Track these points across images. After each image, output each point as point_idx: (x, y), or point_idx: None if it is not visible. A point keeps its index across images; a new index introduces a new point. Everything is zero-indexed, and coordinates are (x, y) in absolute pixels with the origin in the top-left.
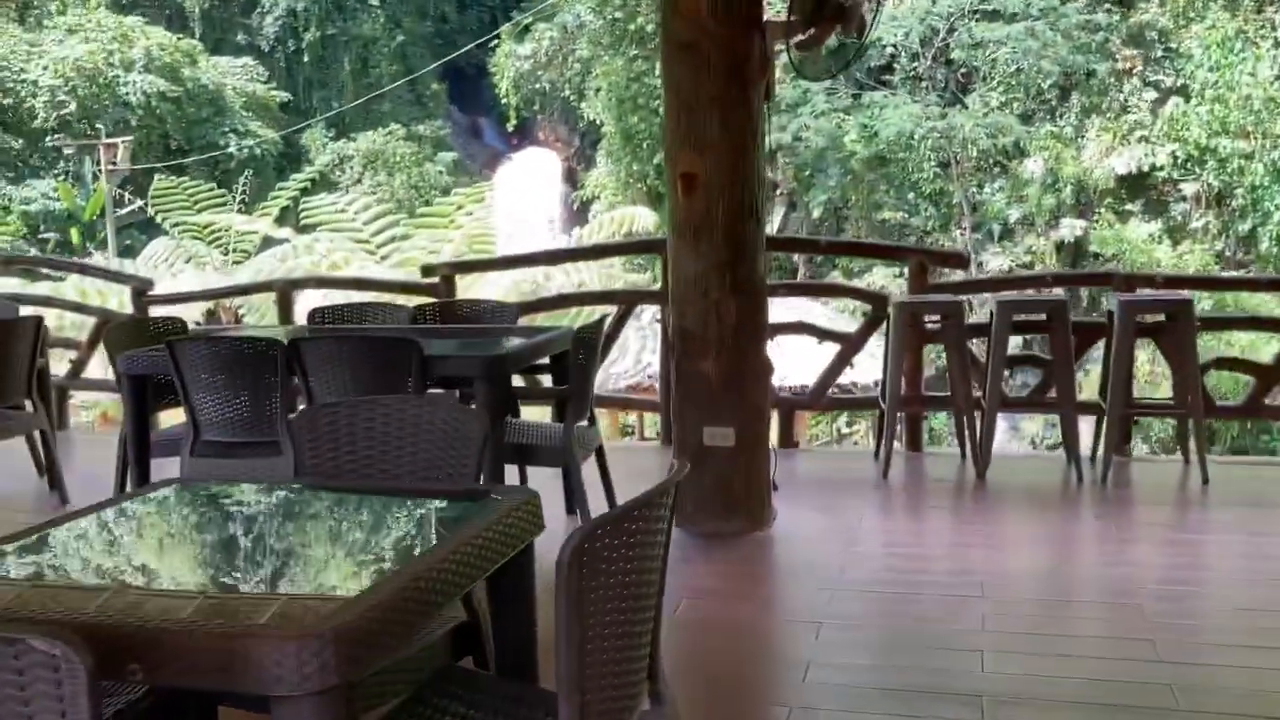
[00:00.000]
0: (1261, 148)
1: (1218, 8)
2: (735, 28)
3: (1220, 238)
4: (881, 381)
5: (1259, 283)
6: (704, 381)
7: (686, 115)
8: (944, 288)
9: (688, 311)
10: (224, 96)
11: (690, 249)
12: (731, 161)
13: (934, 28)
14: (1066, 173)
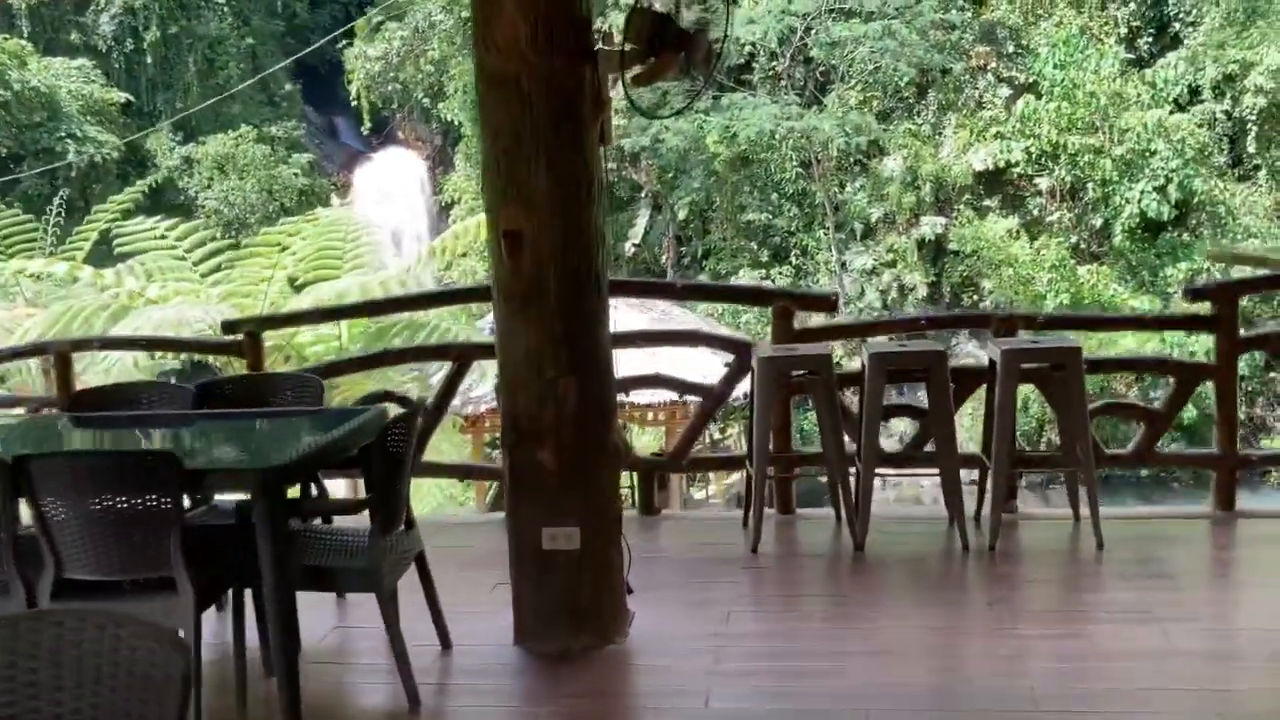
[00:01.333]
0: (1109, 143)
1: (1064, 5)
2: (562, 59)
3: (1075, 231)
4: (748, 441)
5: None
6: (542, 474)
7: (507, 162)
8: (811, 334)
9: (519, 394)
10: (58, 100)
11: (519, 320)
12: (564, 217)
13: (791, 27)
14: (926, 170)
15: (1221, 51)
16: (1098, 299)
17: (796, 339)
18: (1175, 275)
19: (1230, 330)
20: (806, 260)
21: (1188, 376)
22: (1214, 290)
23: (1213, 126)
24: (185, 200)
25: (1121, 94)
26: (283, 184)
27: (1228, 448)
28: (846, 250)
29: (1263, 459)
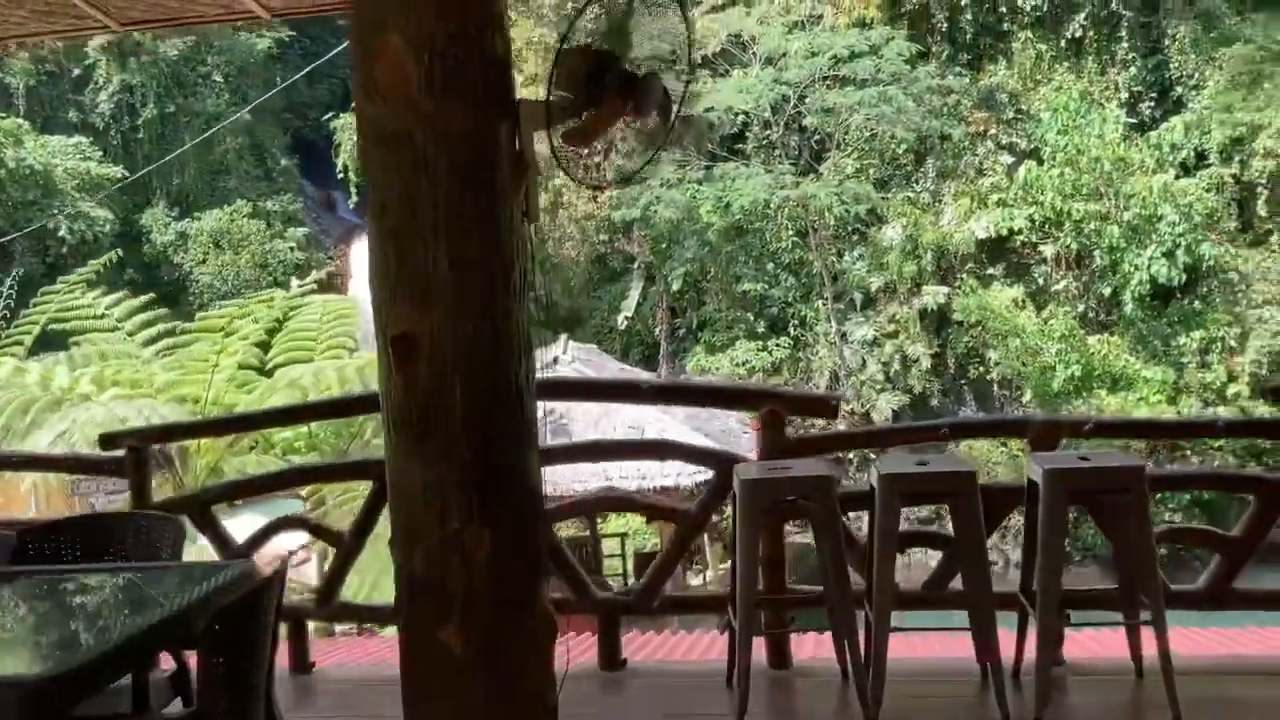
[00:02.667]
0: (1115, 209)
1: (1064, 70)
2: (467, 110)
3: (1082, 299)
4: (730, 576)
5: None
6: (444, 659)
7: (395, 245)
8: (810, 445)
9: (415, 550)
10: (53, 177)
11: (413, 452)
12: (474, 315)
13: (784, 95)
14: (926, 239)
15: (1228, 114)
16: (1109, 370)
17: (791, 451)
18: (1189, 344)
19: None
20: (805, 331)
21: (1275, 495)
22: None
23: (1221, 190)
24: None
25: (1126, 159)
26: (277, 258)
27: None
28: (846, 321)
29: None
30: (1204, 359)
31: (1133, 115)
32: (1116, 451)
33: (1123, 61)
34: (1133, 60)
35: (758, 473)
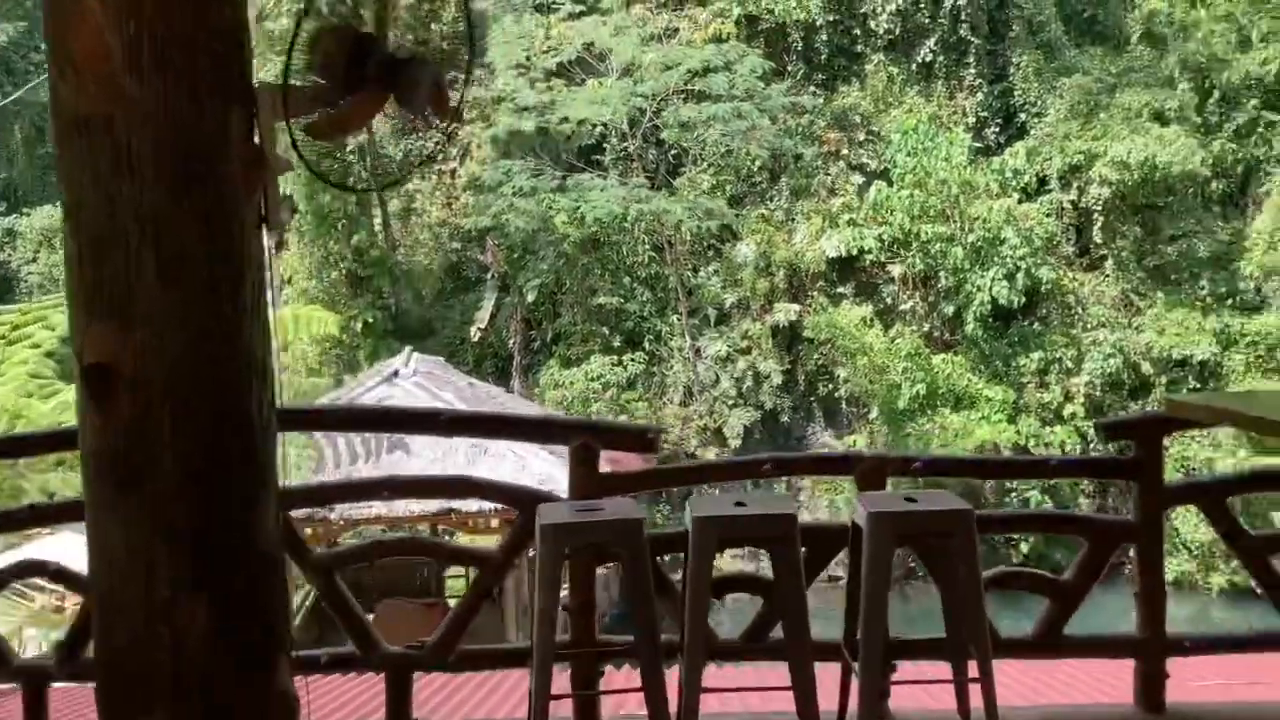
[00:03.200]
0: (960, 231)
1: (914, 93)
2: (185, 92)
3: (928, 319)
4: (531, 626)
5: (1047, 470)
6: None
7: (92, 253)
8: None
9: (117, 624)
10: None
11: (113, 503)
12: (188, 338)
13: (640, 108)
14: (779, 256)
15: (1067, 142)
16: (952, 389)
17: (605, 488)
18: (1028, 364)
19: (1154, 478)
20: (660, 346)
21: (1105, 538)
22: (1134, 426)
23: (1060, 216)
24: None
25: (971, 182)
26: None
27: (1154, 631)
28: (700, 336)
29: (1198, 644)
30: (1042, 379)
31: (979, 140)
32: (945, 492)
33: (970, 87)
34: (980, 86)
35: (563, 515)
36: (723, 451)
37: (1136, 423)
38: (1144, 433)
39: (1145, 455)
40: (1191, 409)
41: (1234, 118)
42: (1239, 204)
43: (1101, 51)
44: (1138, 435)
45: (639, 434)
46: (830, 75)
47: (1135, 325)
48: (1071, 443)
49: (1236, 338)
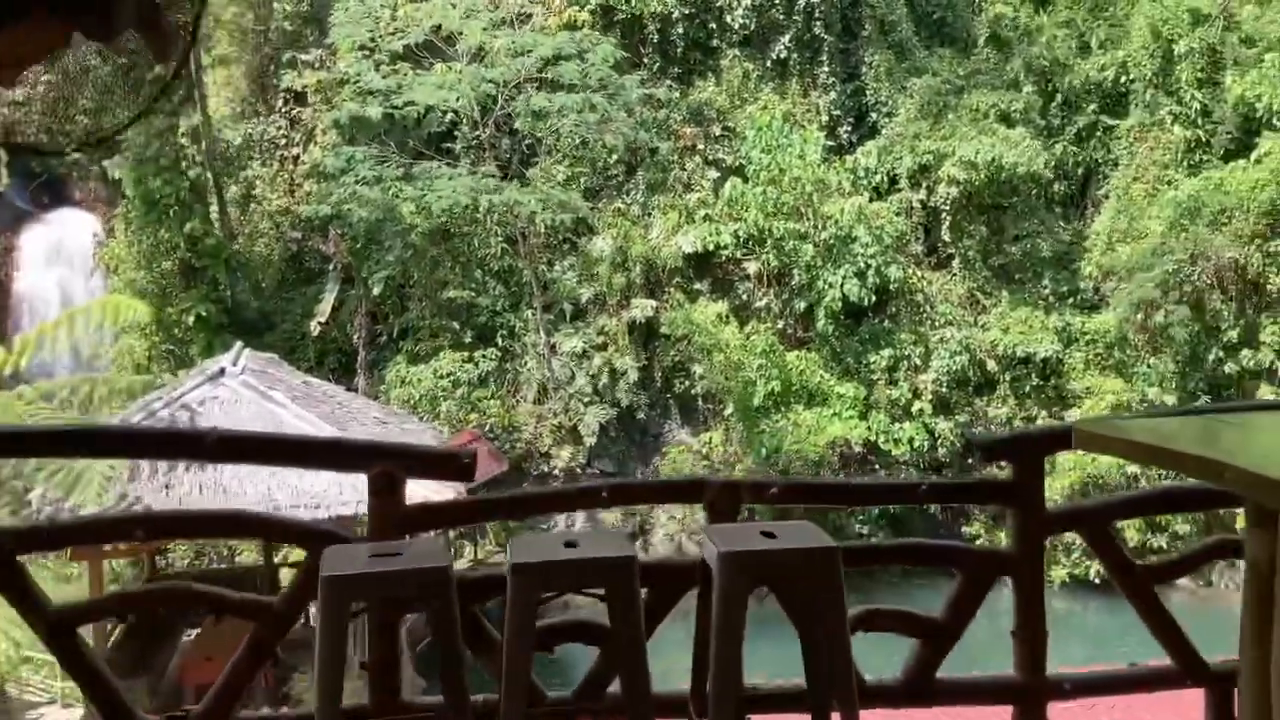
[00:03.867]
0: (813, 228)
1: (769, 90)
2: None
3: (782, 316)
4: None
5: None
6: None
7: None
8: (433, 517)
9: None
10: None
11: None
12: None
13: (491, 95)
14: (636, 251)
15: (917, 142)
16: (806, 386)
17: (410, 524)
18: (878, 362)
19: (1034, 503)
20: (514, 342)
21: (980, 570)
22: (1014, 445)
23: (910, 215)
24: None
25: (824, 180)
26: None
27: (1033, 674)
28: (556, 332)
29: (1078, 686)
30: (892, 376)
31: (832, 138)
32: (808, 524)
33: (824, 85)
34: (833, 85)
35: (352, 562)
36: (578, 450)
37: (1016, 441)
38: (1024, 453)
39: (1025, 478)
40: (1104, 441)
41: (1075, 121)
42: (1079, 205)
43: (950, 53)
44: (1017, 455)
45: (449, 458)
46: (686, 69)
47: (981, 323)
48: (920, 439)
49: (1077, 335)
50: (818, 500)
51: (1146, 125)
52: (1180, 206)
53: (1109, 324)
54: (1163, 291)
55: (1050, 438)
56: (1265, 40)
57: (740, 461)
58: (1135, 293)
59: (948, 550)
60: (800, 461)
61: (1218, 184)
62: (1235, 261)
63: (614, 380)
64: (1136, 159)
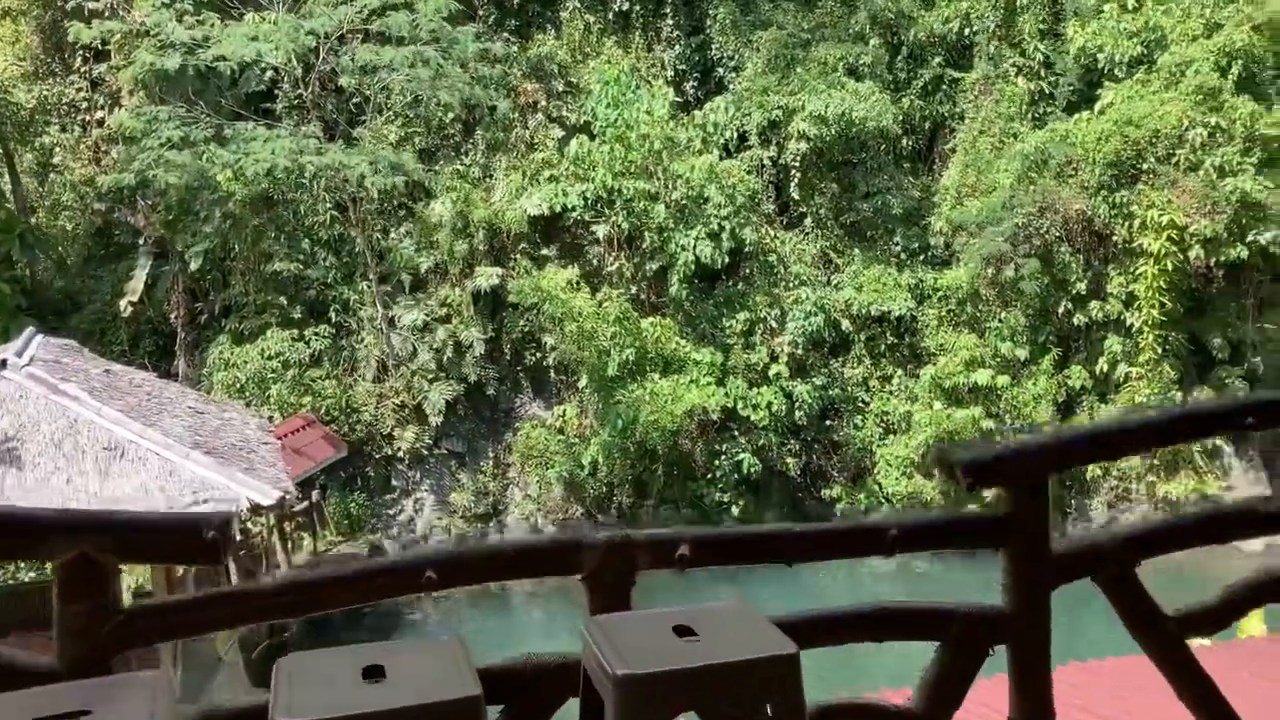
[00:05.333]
0: (664, 188)
1: (611, 44)
2: None
3: (634, 281)
4: None
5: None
6: None
7: None
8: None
9: None
10: None
11: None
12: None
13: (311, 48)
14: (478, 216)
15: (766, 97)
16: (661, 353)
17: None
18: (734, 326)
19: (1035, 545)
20: (348, 317)
21: (967, 639)
22: (1002, 466)
23: (761, 173)
24: None
25: (673, 138)
26: None
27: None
28: (394, 305)
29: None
30: (748, 340)
31: (679, 95)
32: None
33: (668, 39)
34: (677, 39)
35: None
36: (423, 430)
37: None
38: (1021, 474)
39: (1022, 509)
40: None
41: (920, 75)
42: (927, 161)
43: (795, 6)
44: (1012, 477)
45: (185, 533)
46: (524, 22)
47: (835, 283)
48: (779, 404)
49: (929, 292)
50: (745, 559)
51: (991, 78)
52: (1027, 159)
53: (961, 279)
54: (1012, 245)
55: (1057, 450)
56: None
57: (597, 435)
58: (985, 247)
59: (935, 614)
60: (658, 432)
61: (1063, 136)
62: (1082, 213)
63: (459, 354)
64: (982, 112)
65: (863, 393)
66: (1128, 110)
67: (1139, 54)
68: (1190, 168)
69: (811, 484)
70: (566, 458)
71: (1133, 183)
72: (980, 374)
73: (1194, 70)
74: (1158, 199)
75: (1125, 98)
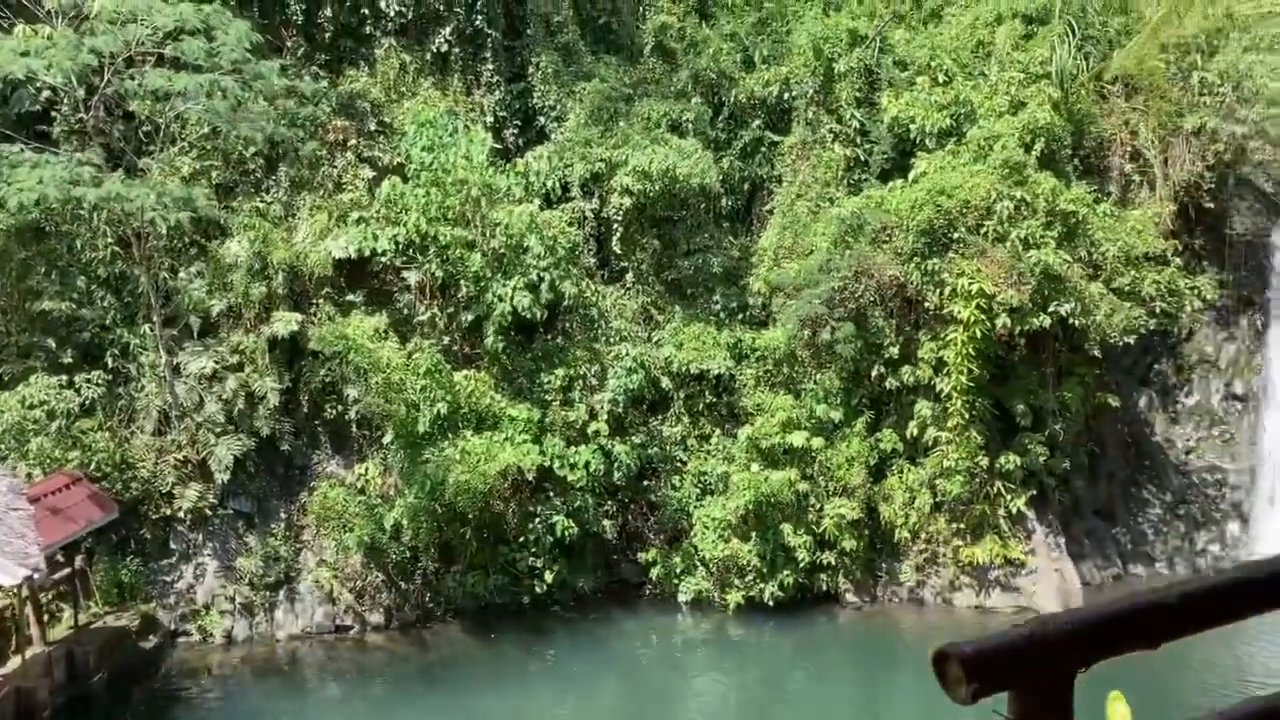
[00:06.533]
0: (481, 236)
1: (428, 85)
2: None
3: (448, 332)
4: None
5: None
6: None
7: None
8: None
9: None
10: None
11: None
12: None
13: (94, 68)
14: (278, 257)
15: (589, 149)
16: (475, 408)
17: None
18: (552, 381)
19: None
20: (127, 362)
21: None
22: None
23: (583, 225)
24: None
25: (493, 185)
26: None
27: None
28: (180, 350)
29: None
30: (567, 396)
31: (499, 140)
32: None
33: (489, 84)
34: (498, 84)
35: None
36: (208, 488)
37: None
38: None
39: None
40: None
41: (741, 135)
42: (746, 221)
43: (618, 60)
44: (1028, 678)
45: None
46: (335, 57)
47: (655, 340)
48: (596, 463)
49: (747, 352)
50: None
51: (809, 143)
52: (843, 224)
53: (778, 340)
54: (828, 308)
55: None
56: (916, 64)
57: (402, 495)
58: (802, 309)
59: None
60: (469, 494)
61: (878, 202)
62: (895, 279)
63: (251, 406)
64: (800, 176)
65: (681, 452)
66: (940, 180)
67: (949, 126)
68: (998, 238)
69: (628, 546)
70: (367, 520)
71: (944, 251)
72: (796, 435)
73: (1001, 145)
74: (968, 268)
75: (937, 168)
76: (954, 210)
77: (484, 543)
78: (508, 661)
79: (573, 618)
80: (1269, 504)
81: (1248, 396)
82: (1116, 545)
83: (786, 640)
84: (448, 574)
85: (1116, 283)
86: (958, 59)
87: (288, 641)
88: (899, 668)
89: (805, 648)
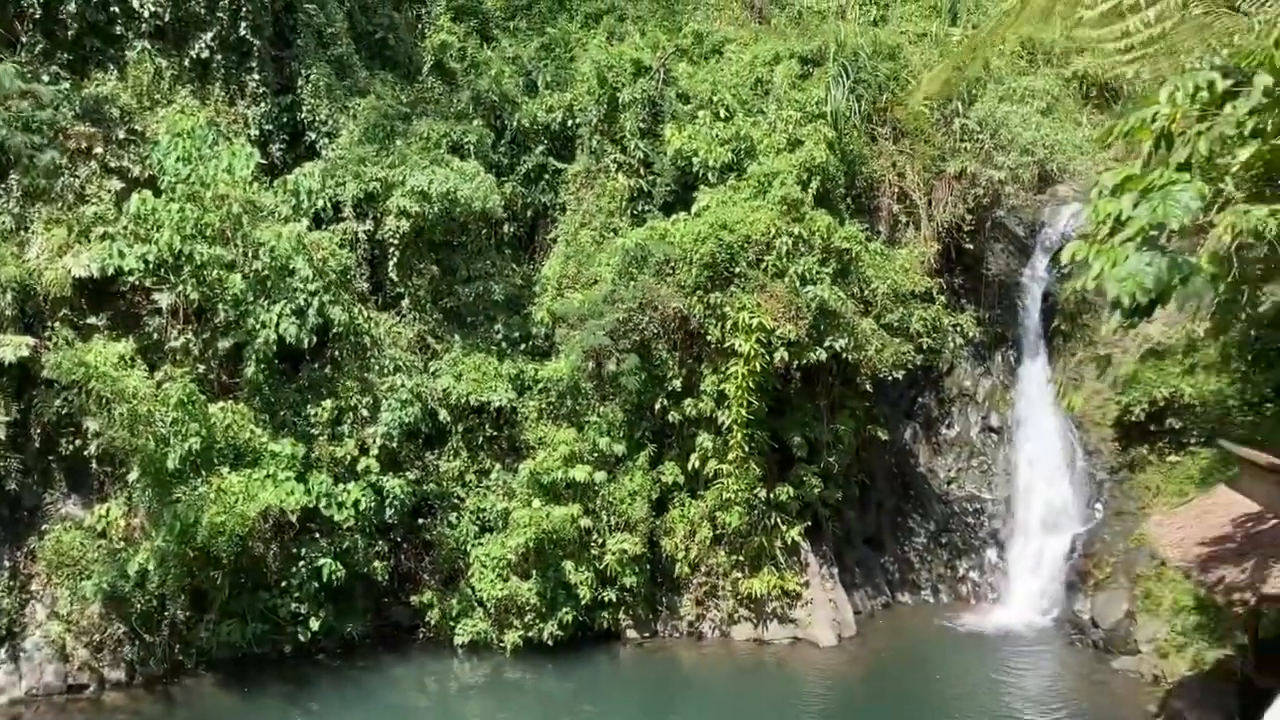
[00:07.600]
0: (243, 257)
1: (186, 93)
2: None
3: (203, 360)
4: None
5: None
6: None
7: None
8: None
9: None
10: None
11: None
12: None
13: None
14: (7, 274)
15: (362, 168)
16: (233, 443)
17: None
18: (320, 414)
19: None
20: None
21: None
22: None
23: (355, 248)
24: None
25: (256, 202)
26: None
27: None
28: None
29: None
30: (335, 430)
31: (265, 155)
32: None
33: (254, 95)
34: (264, 95)
35: None
36: None
37: None
38: None
39: None
40: None
41: (524, 161)
42: (529, 249)
43: (394, 77)
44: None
45: None
46: (80, 58)
47: (433, 370)
48: (367, 501)
49: (530, 383)
50: None
51: (593, 171)
52: (628, 255)
53: (562, 371)
54: (613, 339)
55: None
56: (699, 98)
57: (149, 538)
58: (586, 340)
59: None
60: (225, 536)
61: (662, 234)
62: (679, 311)
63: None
64: (584, 204)
65: (459, 488)
66: (722, 214)
67: (730, 161)
68: (777, 274)
69: (400, 588)
70: (109, 566)
71: (726, 285)
72: (579, 470)
73: (780, 181)
74: (748, 302)
75: (719, 202)
76: (735, 245)
77: (241, 588)
78: (266, 716)
79: (340, 666)
80: (1023, 532)
81: (1002, 429)
82: (885, 574)
83: (567, 681)
84: (200, 623)
85: (886, 319)
86: (738, 95)
87: (9, 706)
88: (678, 704)
89: (586, 687)
